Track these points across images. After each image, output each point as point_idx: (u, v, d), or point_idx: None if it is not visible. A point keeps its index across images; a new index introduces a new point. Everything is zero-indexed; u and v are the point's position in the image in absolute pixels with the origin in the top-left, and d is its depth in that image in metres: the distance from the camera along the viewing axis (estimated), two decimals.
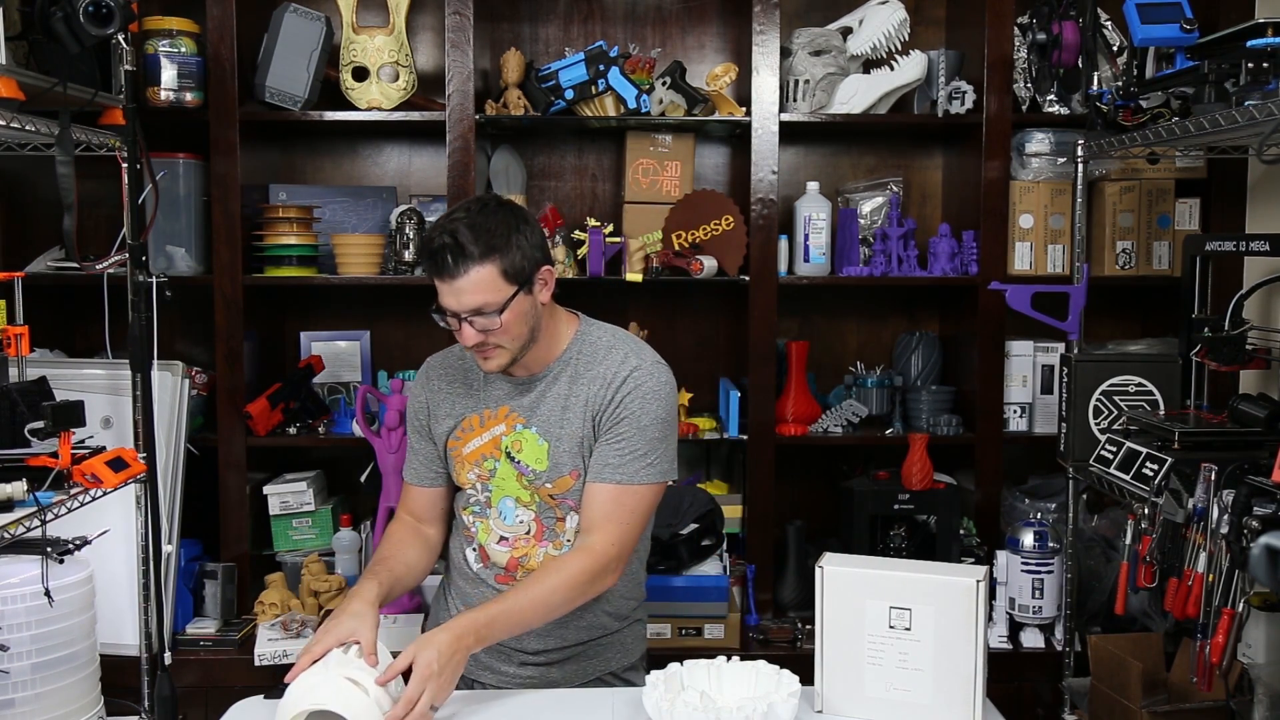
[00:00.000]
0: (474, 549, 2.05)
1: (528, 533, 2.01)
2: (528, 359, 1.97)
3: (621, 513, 1.94)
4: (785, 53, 2.94)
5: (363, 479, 2.98)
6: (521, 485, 1.99)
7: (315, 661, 1.74)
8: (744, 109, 2.91)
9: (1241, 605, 1.85)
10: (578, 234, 2.96)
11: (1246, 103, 1.91)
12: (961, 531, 2.91)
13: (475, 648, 1.80)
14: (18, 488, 1.94)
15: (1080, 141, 2.59)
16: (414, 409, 2.10)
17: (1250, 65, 1.90)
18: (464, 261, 1.81)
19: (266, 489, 2.98)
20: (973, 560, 2.85)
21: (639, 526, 1.97)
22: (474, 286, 1.83)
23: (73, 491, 2.05)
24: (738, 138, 3.07)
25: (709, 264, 2.89)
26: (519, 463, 1.99)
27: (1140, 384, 2.53)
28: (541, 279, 1.92)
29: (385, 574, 1.95)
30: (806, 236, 3.00)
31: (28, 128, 2.03)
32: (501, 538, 2.02)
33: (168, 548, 2.66)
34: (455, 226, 1.83)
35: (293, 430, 2.96)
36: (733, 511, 3.01)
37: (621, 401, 1.95)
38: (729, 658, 1.82)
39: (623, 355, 1.99)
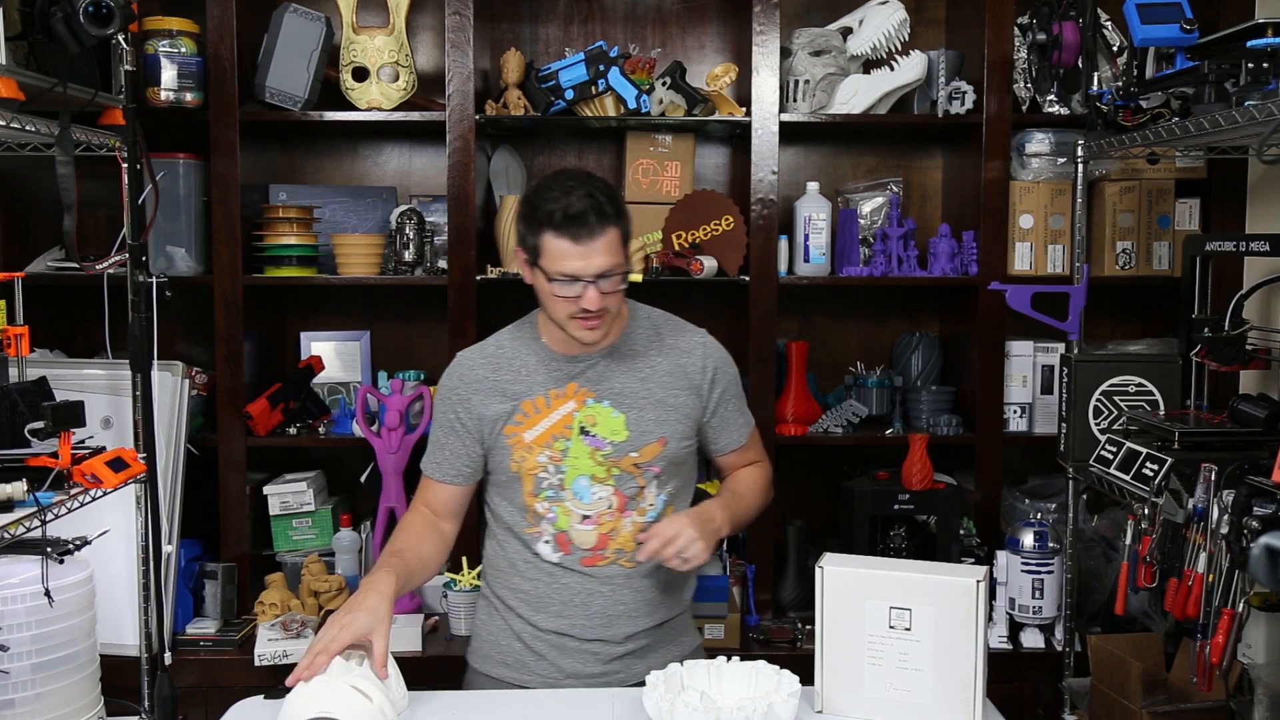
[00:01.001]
0: (547, 540, 2.02)
1: (609, 507, 2.00)
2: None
3: (757, 445, 2.23)
4: (785, 53, 2.94)
5: (363, 479, 2.99)
6: (595, 461, 1.99)
7: (323, 655, 1.72)
8: (744, 109, 2.91)
9: (1241, 605, 1.85)
10: None
11: (1246, 103, 1.91)
12: (961, 531, 2.91)
13: (723, 528, 1.95)
14: (18, 488, 1.94)
15: (1080, 141, 2.58)
16: (448, 404, 2.06)
17: (1250, 65, 1.90)
18: (604, 222, 1.88)
19: (266, 489, 2.98)
20: (973, 560, 2.85)
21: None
22: (607, 248, 1.89)
23: (73, 491, 2.05)
24: (738, 138, 3.07)
25: (709, 264, 2.89)
26: (595, 437, 1.99)
27: (1140, 384, 2.53)
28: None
29: (401, 566, 1.92)
30: (806, 236, 3.00)
31: (28, 128, 2.03)
32: (584, 517, 2.00)
33: (168, 548, 2.66)
34: (589, 191, 1.88)
35: (293, 430, 2.96)
36: None
37: (715, 370, 2.09)
38: (729, 658, 1.83)
39: (680, 326, 2.13)
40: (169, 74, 2.80)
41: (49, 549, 1.96)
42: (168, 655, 2.54)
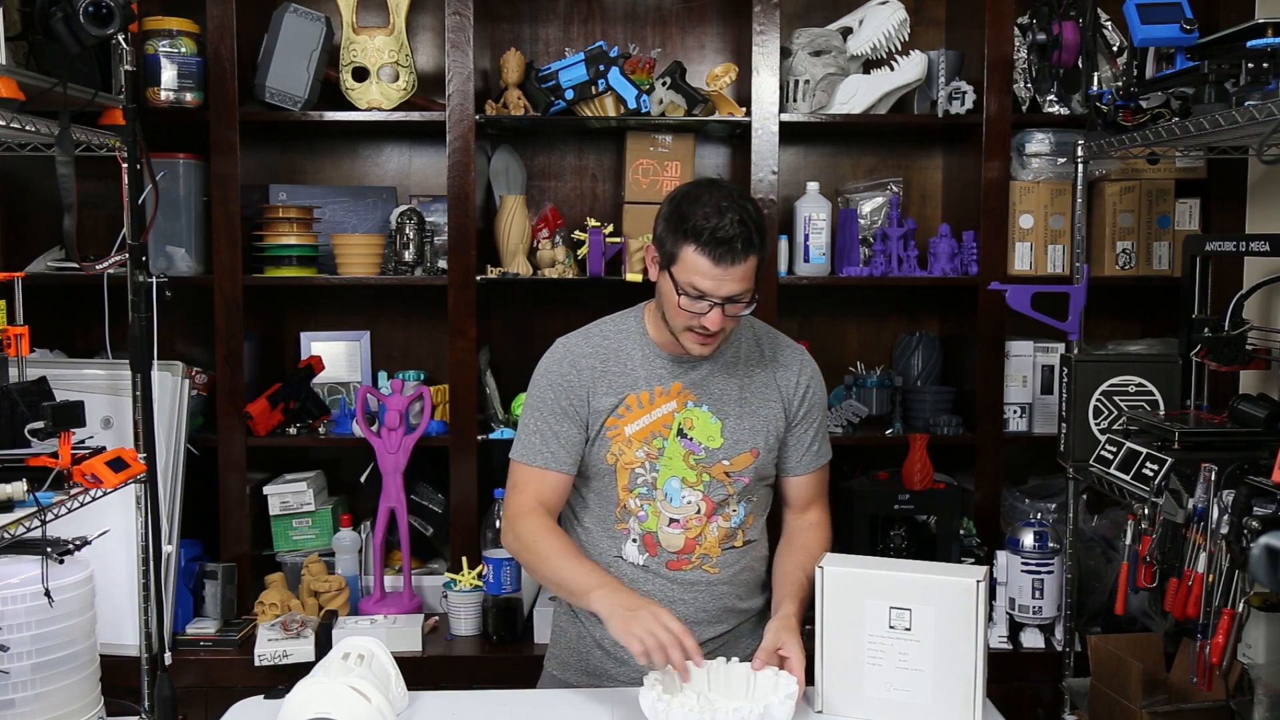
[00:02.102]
0: (634, 540, 2.01)
1: (698, 512, 1.99)
2: None
3: (824, 487, 2.16)
4: (785, 53, 2.94)
5: (363, 479, 2.99)
6: (688, 465, 1.98)
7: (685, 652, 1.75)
8: (744, 109, 2.91)
9: (1241, 605, 1.85)
10: (578, 234, 2.97)
11: (1246, 103, 1.91)
12: (961, 531, 2.91)
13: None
14: (18, 488, 1.94)
15: (1080, 141, 2.58)
16: (558, 390, 2.00)
17: (1250, 65, 1.90)
18: (749, 250, 1.86)
19: (266, 489, 2.98)
20: (973, 560, 2.85)
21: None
22: (745, 275, 1.88)
23: (73, 492, 2.05)
24: (738, 138, 3.07)
25: None
26: (691, 440, 1.99)
27: (1140, 384, 2.53)
28: None
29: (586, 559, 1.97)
30: (806, 236, 3.00)
31: (28, 128, 2.03)
32: (672, 520, 1.99)
33: (168, 548, 2.66)
34: (743, 218, 1.85)
35: (293, 430, 2.96)
36: None
37: (809, 386, 2.09)
38: (728, 659, 1.83)
39: (781, 340, 2.12)
40: (169, 74, 2.80)
41: (49, 549, 1.96)
42: (168, 655, 2.54)
